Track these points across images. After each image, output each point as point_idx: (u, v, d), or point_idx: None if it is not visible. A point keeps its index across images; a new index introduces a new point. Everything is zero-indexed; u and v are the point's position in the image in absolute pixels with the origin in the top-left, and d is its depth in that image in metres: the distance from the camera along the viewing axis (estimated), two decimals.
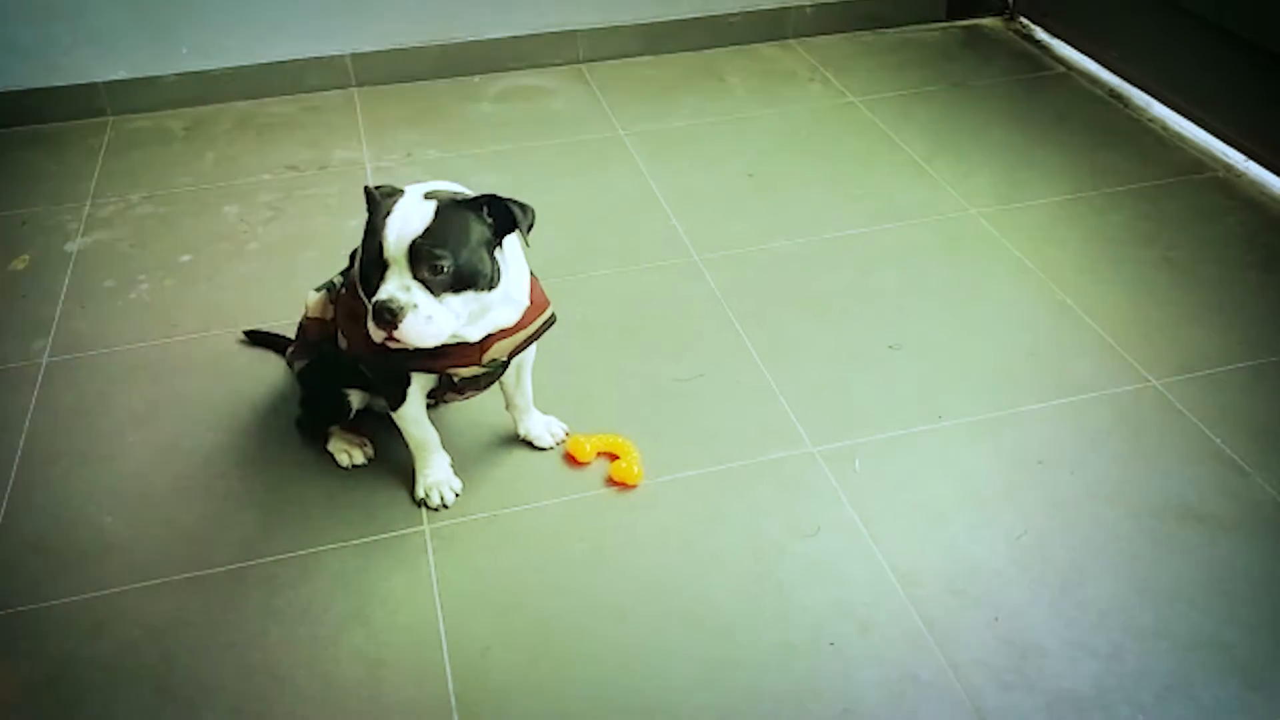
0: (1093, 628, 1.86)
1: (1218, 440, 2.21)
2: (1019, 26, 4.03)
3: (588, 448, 2.20)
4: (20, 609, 1.96)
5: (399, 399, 2.05)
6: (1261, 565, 1.96)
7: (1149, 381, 2.37)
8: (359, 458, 2.24)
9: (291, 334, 2.34)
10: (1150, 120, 3.38)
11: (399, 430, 2.13)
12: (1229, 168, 3.11)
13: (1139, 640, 1.84)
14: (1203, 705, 1.73)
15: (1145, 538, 2.03)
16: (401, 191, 1.86)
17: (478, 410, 2.33)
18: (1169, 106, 3.37)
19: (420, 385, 2.05)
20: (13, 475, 2.24)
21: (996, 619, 1.88)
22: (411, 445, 2.15)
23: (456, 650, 1.86)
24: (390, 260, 1.78)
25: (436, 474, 2.16)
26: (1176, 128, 3.32)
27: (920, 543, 2.02)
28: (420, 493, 2.15)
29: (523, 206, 1.87)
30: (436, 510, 2.13)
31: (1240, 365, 2.41)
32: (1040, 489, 2.14)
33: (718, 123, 3.51)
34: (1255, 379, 2.37)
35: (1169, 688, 1.76)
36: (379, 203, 1.85)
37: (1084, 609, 1.90)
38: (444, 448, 2.18)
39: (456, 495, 2.15)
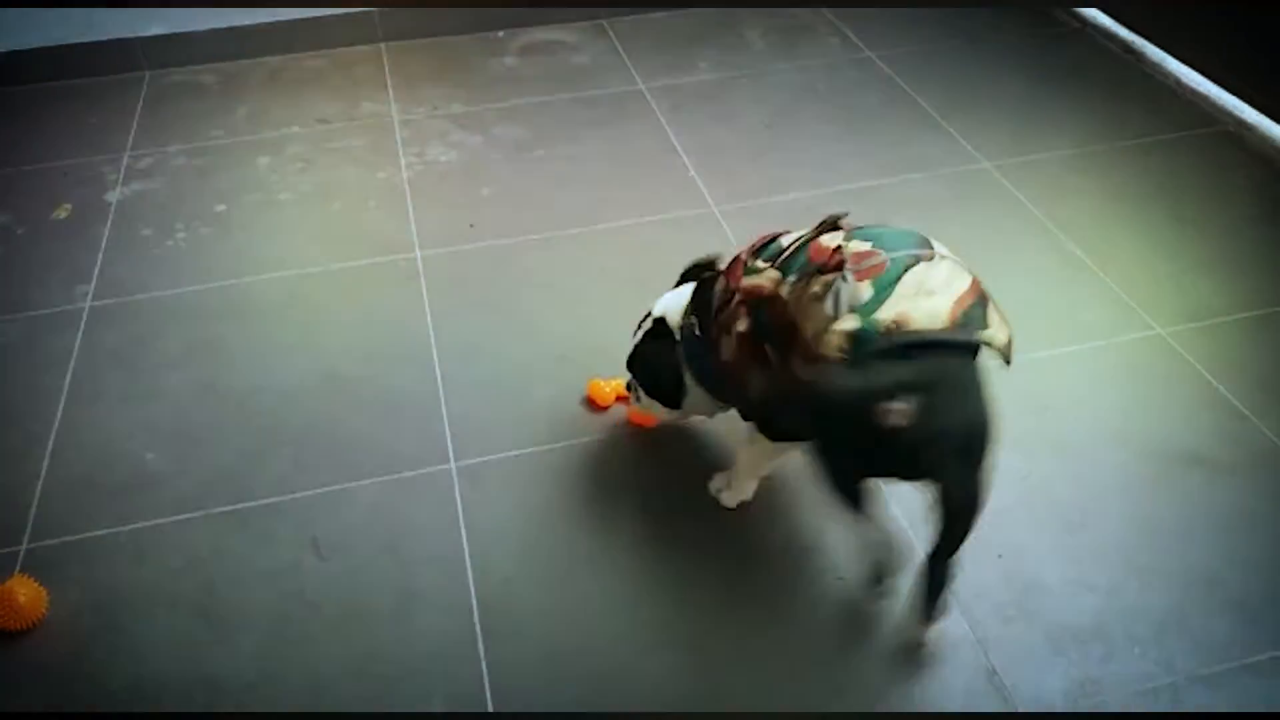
0: (1093, 565, 1.90)
1: (1220, 387, 2.23)
2: None
3: (608, 391, 2.23)
4: (67, 539, 2.01)
5: None
6: (1258, 507, 1.99)
7: (1155, 330, 2.38)
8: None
9: None
10: (1164, 75, 3.36)
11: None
12: (1240, 122, 3.10)
13: (1138, 577, 1.88)
14: (1198, 639, 1.78)
15: (1147, 480, 2.06)
16: None
17: (497, 360, 2.40)
18: (1183, 61, 3.33)
19: None
20: (59, 413, 2.28)
21: (1000, 555, 1.92)
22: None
23: (482, 581, 1.90)
24: None
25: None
26: (1190, 83, 3.29)
27: None
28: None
29: None
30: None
31: (1244, 315, 2.42)
32: (1046, 432, 2.16)
33: (737, 76, 3.50)
34: (1259, 328, 2.39)
35: (1166, 622, 1.81)
36: None
37: (1085, 547, 1.93)
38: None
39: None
